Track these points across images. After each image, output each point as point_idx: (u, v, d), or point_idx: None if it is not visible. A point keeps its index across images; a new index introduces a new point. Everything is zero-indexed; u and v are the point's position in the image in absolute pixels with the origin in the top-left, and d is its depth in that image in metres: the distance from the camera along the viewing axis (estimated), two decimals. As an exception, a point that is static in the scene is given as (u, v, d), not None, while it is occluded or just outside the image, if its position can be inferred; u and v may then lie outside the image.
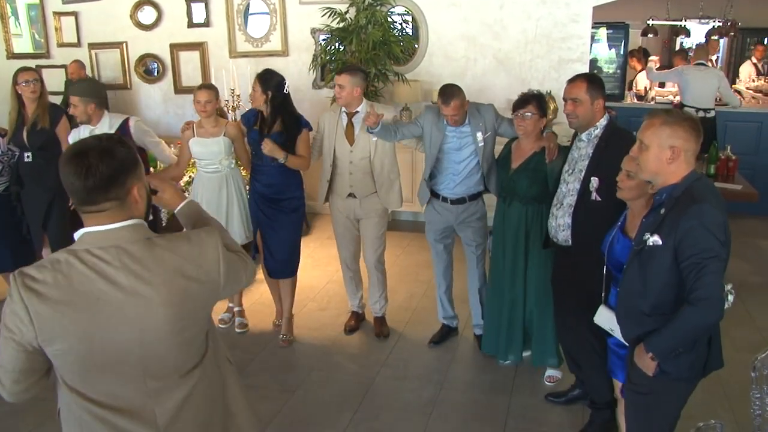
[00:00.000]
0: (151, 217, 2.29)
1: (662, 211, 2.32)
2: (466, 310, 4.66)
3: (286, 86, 4.17)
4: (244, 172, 4.77)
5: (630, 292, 2.44)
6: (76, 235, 1.70)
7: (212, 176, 4.36)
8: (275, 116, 4.14)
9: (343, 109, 4.22)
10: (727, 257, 2.32)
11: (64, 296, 1.62)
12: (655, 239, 2.29)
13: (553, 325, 3.74)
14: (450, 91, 3.88)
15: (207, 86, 4.39)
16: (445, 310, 4.48)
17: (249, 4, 7.22)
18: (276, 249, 4.37)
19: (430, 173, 4.12)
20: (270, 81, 4.12)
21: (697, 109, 6.94)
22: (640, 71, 9.00)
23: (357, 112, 4.20)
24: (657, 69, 8.47)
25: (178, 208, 2.01)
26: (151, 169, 5.74)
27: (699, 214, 2.20)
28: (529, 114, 3.63)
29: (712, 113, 7.00)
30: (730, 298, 2.43)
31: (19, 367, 1.68)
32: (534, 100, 3.66)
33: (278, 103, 4.13)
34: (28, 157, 4.69)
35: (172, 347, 1.74)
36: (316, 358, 4.34)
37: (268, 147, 4.05)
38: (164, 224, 5.68)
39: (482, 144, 3.98)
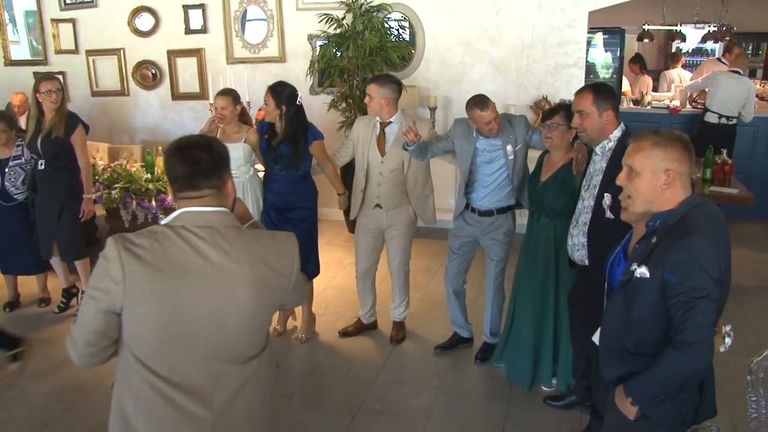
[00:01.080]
0: None
1: (654, 239, 2.12)
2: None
3: (299, 98, 4.15)
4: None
5: (613, 327, 2.23)
6: (173, 214, 1.86)
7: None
8: (289, 129, 4.11)
9: (377, 117, 4.20)
10: (723, 295, 2.13)
11: (158, 261, 1.75)
12: (642, 271, 2.08)
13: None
14: (482, 98, 3.82)
15: (224, 92, 4.37)
16: (455, 318, 4.40)
17: (246, 10, 7.25)
18: None
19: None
20: (283, 94, 4.08)
21: (720, 116, 6.94)
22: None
23: (390, 122, 4.17)
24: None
25: (245, 226, 2.08)
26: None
27: (690, 249, 1.99)
28: (556, 124, 3.53)
29: (734, 121, 6.99)
30: (728, 341, 2.17)
31: (94, 328, 1.78)
32: (562, 110, 3.55)
33: (292, 116, 4.11)
34: (41, 164, 4.73)
35: (243, 331, 1.86)
36: (314, 362, 4.34)
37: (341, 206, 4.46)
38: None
39: (512, 157, 3.90)
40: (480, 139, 3.94)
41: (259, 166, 4.65)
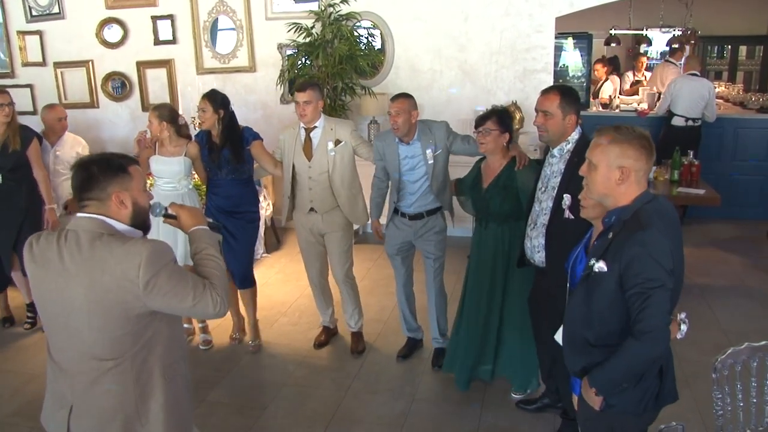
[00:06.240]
0: None
1: (610, 235, 2.18)
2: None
3: (230, 104, 4.32)
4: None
5: (574, 321, 2.29)
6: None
7: (169, 194, 4.34)
8: (226, 134, 4.25)
9: (302, 124, 4.25)
10: (677, 286, 2.20)
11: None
12: (600, 265, 2.14)
13: (532, 349, 3.69)
14: (401, 94, 4.01)
15: (155, 107, 4.47)
16: (408, 323, 4.47)
17: (216, 20, 7.22)
18: (231, 260, 4.39)
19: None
20: (217, 98, 4.25)
21: (686, 119, 7.04)
22: (605, 81, 9.16)
23: (315, 127, 4.24)
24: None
25: (189, 230, 2.29)
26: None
27: (643, 242, 2.06)
28: (489, 130, 3.59)
29: (699, 122, 7.09)
30: (684, 328, 2.28)
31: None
32: (494, 116, 3.62)
33: (228, 120, 4.26)
34: None
35: (84, 326, 2.02)
36: (287, 373, 4.32)
37: None
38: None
39: (431, 162, 3.99)
40: (401, 146, 4.02)
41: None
